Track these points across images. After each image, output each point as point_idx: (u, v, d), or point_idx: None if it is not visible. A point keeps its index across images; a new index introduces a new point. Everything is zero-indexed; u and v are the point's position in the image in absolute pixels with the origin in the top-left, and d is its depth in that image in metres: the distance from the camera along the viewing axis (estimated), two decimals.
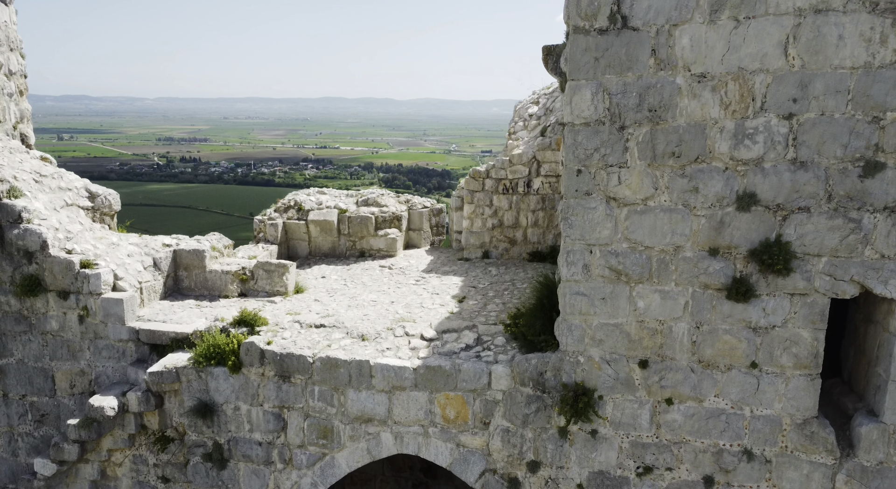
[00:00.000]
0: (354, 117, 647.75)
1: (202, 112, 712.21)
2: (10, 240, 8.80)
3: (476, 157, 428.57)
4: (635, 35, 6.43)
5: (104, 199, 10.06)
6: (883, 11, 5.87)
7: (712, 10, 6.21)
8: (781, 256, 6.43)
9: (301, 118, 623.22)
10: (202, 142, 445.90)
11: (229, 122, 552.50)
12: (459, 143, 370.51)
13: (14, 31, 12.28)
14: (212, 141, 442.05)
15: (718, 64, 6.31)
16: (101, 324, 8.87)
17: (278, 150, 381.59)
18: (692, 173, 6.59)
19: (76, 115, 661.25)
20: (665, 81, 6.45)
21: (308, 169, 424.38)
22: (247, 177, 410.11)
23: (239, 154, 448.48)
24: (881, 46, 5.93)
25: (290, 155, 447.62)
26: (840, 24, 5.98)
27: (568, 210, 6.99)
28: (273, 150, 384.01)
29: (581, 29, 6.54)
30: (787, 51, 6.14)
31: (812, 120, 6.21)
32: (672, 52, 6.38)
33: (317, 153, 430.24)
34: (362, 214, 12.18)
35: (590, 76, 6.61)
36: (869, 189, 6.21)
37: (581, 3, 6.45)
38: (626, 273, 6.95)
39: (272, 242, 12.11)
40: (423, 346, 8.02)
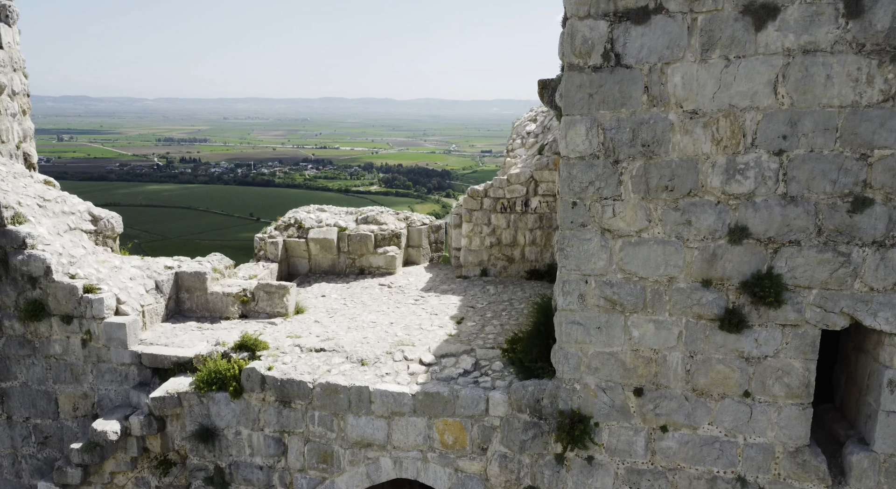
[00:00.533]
0: (354, 117, 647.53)
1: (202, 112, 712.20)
2: (15, 265, 8.92)
3: (476, 157, 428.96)
4: (628, 73, 6.54)
5: (107, 223, 10.18)
6: (869, 53, 5.99)
7: (703, 50, 6.33)
8: (773, 289, 6.55)
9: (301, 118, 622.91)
10: (202, 142, 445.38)
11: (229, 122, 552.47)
12: (459, 143, 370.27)
13: (17, 51, 12.41)
14: (212, 141, 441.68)
15: (710, 101, 6.43)
16: (104, 348, 8.99)
17: (278, 150, 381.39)
18: (685, 207, 6.71)
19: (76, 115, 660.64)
20: (658, 118, 6.57)
21: (308, 169, 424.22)
22: (247, 177, 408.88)
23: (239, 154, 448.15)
24: (868, 86, 6.05)
25: (289, 155, 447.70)
26: (828, 64, 6.10)
27: (564, 241, 7.11)
28: (273, 150, 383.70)
29: (575, 66, 6.66)
30: (776, 89, 6.26)
31: (801, 156, 6.33)
32: (664, 90, 6.50)
33: (316, 153, 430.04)
34: (362, 232, 12.30)
35: (584, 111, 6.73)
36: (857, 224, 6.33)
37: (575, 41, 6.56)
38: (620, 303, 7.07)
39: (273, 260, 12.23)
40: (422, 372, 8.14)
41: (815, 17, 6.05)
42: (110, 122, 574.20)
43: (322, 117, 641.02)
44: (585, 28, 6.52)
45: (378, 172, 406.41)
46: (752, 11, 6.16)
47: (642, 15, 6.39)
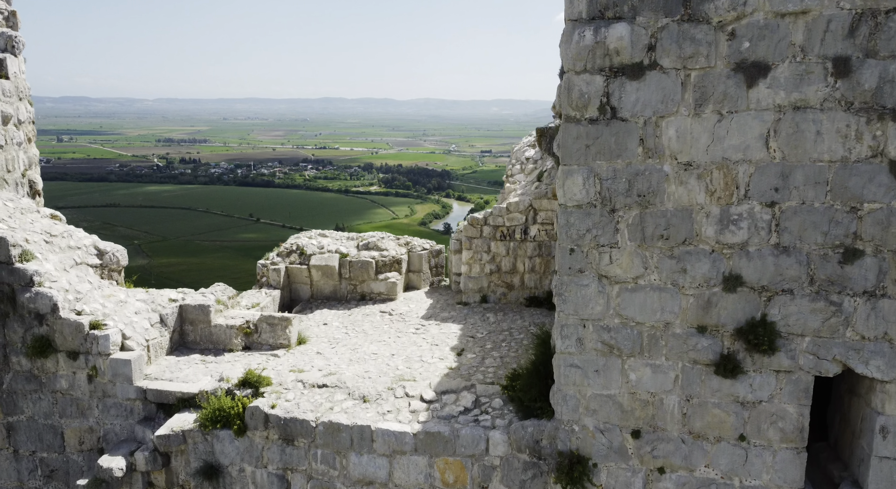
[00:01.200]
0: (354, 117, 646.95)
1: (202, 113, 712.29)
2: (22, 303, 9.06)
3: (475, 157, 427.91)
4: (624, 125, 6.68)
5: (112, 256, 10.32)
6: (858, 110, 6.14)
7: (697, 105, 6.47)
8: (766, 336, 6.69)
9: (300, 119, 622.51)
10: (202, 143, 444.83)
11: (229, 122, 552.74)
12: (459, 144, 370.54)
13: (23, 80, 12.55)
14: (211, 142, 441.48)
15: (703, 154, 6.57)
16: (110, 384, 9.13)
17: (278, 150, 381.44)
18: (680, 255, 6.85)
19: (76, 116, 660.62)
20: (653, 169, 6.71)
21: (308, 169, 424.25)
22: (246, 178, 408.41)
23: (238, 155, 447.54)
24: (857, 142, 6.20)
25: (289, 155, 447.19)
26: (818, 120, 6.24)
27: (562, 286, 7.25)
28: (273, 151, 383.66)
29: (572, 118, 6.80)
30: (768, 143, 6.40)
31: (793, 208, 6.47)
32: (659, 142, 6.64)
33: (316, 154, 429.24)
34: (363, 259, 12.44)
35: (581, 162, 6.87)
36: (849, 274, 6.47)
37: (572, 95, 6.70)
38: (618, 347, 7.21)
39: (275, 287, 12.37)
40: (423, 409, 8.28)
41: (804, 76, 6.19)
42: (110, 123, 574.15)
43: (322, 117, 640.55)
44: (582, 82, 6.66)
45: (378, 172, 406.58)
46: (743, 69, 6.30)
47: (637, 71, 6.52)
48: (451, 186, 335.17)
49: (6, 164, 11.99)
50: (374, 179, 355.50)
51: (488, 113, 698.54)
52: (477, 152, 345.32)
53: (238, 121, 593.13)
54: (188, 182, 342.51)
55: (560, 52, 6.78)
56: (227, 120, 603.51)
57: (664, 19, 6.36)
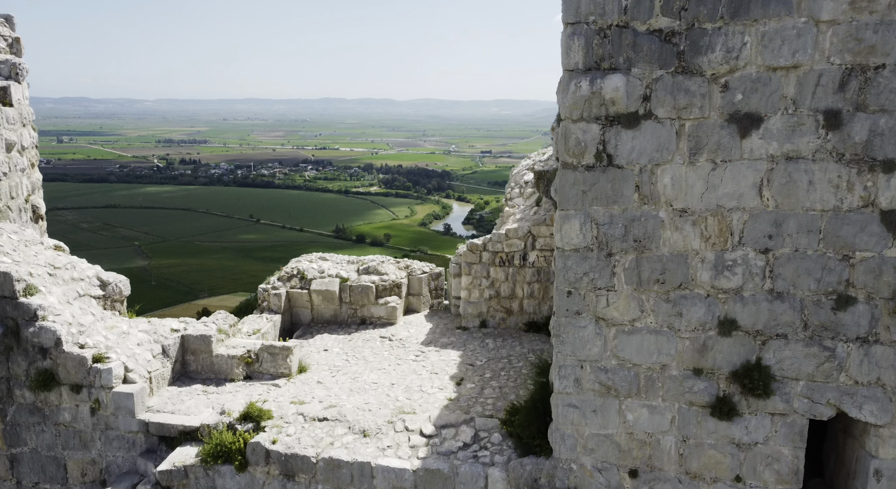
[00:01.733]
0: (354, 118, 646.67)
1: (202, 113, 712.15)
2: (27, 337, 9.16)
3: (475, 157, 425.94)
4: (620, 172, 6.78)
5: (115, 287, 10.42)
6: (849, 162, 6.23)
7: (691, 153, 6.56)
8: (761, 381, 6.78)
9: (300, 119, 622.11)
10: (202, 143, 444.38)
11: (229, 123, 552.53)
12: (459, 144, 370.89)
13: (26, 106, 12.65)
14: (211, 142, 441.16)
15: (698, 201, 6.66)
16: (112, 417, 9.23)
17: (278, 151, 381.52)
18: (676, 299, 6.94)
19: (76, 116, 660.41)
20: (649, 215, 6.81)
21: (308, 170, 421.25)
22: (246, 178, 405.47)
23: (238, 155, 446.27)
24: (848, 193, 6.29)
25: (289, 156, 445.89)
26: (810, 171, 6.33)
27: (559, 327, 7.34)
28: (273, 151, 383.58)
29: (570, 165, 6.89)
30: (761, 192, 6.49)
31: (787, 255, 6.57)
32: (655, 189, 6.73)
33: (316, 154, 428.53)
34: (363, 284, 12.54)
35: (578, 207, 6.96)
36: (842, 321, 6.56)
37: (569, 142, 6.80)
38: (615, 388, 7.31)
39: (276, 312, 12.46)
40: (423, 444, 8.38)
41: (796, 128, 6.28)
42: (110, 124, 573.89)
43: (322, 118, 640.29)
44: (579, 131, 6.75)
45: (378, 173, 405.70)
46: (736, 120, 6.39)
47: (632, 120, 6.62)
48: (451, 187, 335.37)
49: (10, 190, 12.10)
50: (374, 180, 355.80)
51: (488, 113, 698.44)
52: (477, 153, 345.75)
53: (238, 121, 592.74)
54: (188, 183, 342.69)
55: (557, 101, 6.87)
56: (227, 120, 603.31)
57: (659, 71, 6.45)
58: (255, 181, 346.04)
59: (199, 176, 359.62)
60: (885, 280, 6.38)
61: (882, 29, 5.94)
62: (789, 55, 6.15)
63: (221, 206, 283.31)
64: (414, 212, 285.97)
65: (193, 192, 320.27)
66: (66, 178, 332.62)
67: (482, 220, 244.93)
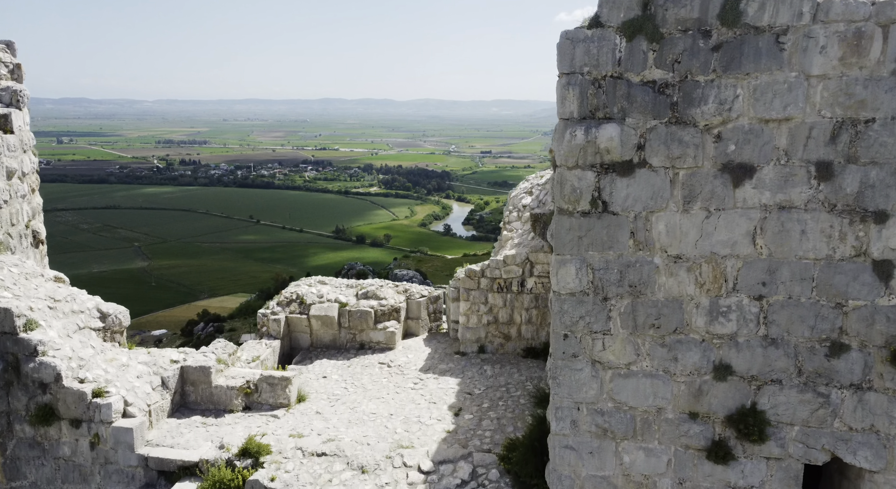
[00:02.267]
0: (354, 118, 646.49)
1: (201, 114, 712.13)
2: (27, 372, 9.21)
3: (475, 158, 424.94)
4: (615, 219, 6.83)
5: (114, 319, 10.47)
6: (840, 212, 6.29)
7: (685, 202, 6.61)
8: (756, 426, 6.84)
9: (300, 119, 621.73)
10: (201, 144, 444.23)
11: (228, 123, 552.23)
12: (459, 144, 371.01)
13: (27, 131, 12.70)
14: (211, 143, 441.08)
15: (693, 248, 6.71)
16: (112, 451, 9.28)
17: (278, 152, 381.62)
18: (671, 343, 6.99)
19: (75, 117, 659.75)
20: (644, 261, 6.86)
21: (308, 171, 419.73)
22: (246, 179, 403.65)
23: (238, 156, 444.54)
24: (840, 242, 6.35)
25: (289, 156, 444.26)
26: (802, 220, 6.39)
27: (556, 370, 7.39)
28: (272, 152, 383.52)
29: (565, 211, 6.94)
30: (755, 240, 6.55)
31: (780, 302, 6.62)
32: (649, 236, 6.78)
33: (316, 155, 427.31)
34: (362, 309, 12.58)
35: (574, 252, 7.01)
36: (835, 367, 6.62)
37: (565, 189, 6.85)
38: (611, 430, 7.36)
39: (275, 337, 12.51)
40: (420, 481, 8.43)
41: (788, 178, 6.34)
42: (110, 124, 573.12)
43: (321, 118, 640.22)
44: (574, 178, 6.80)
45: (378, 173, 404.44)
46: (729, 170, 6.45)
47: (627, 168, 6.67)
48: (450, 187, 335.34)
49: (10, 217, 12.15)
50: (373, 180, 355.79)
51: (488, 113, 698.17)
52: (477, 153, 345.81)
53: (238, 122, 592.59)
54: (188, 183, 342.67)
55: (552, 147, 6.92)
56: (227, 121, 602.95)
57: (652, 121, 6.50)
58: (255, 182, 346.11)
59: (198, 176, 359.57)
60: (878, 328, 6.43)
61: (871, 84, 5.99)
62: (781, 108, 6.20)
63: (221, 207, 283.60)
64: (414, 212, 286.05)
65: (193, 192, 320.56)
66: (66, 179, 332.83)
67: (482, 221, 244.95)
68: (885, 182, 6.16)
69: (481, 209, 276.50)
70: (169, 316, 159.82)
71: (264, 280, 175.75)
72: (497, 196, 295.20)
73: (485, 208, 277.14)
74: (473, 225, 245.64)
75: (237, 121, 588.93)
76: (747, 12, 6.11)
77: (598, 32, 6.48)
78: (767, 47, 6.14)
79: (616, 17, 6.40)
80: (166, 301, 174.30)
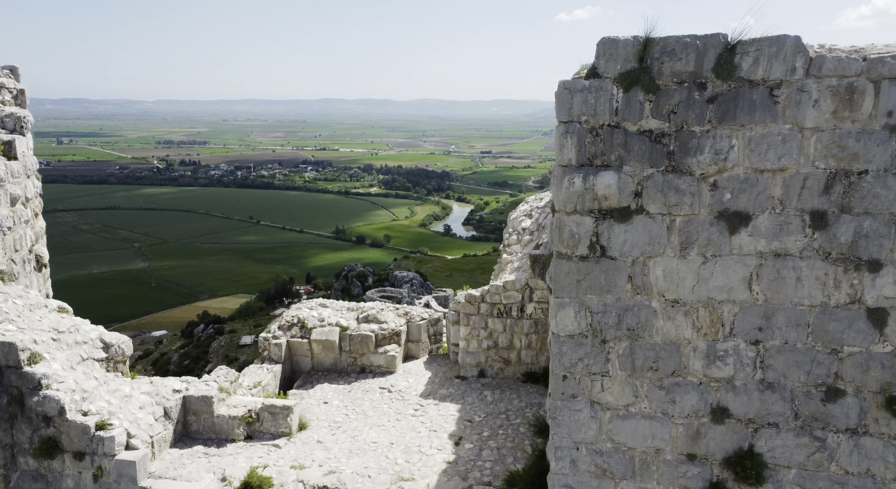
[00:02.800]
0: (354, 118, 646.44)
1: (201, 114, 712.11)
2: (31, 406, 9.30)
3: (475, 158, 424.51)
4: (613, 264, 6.91)
5: (117, 349, 10.55)
6: (835, 260, 6.37)
7: (682, 248, 6.69)
8: (754, 469, 6.91)
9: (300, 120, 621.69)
10: (201, 145, 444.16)
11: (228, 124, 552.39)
12: (459, 144, 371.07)
13: (30, 156, 12.80)
14: (211, 143, 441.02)
15: (690, 292, 6.79)
16: (115, 483, 9.36)
17: (277, 152, 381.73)
18: (669, 386, 7.07)
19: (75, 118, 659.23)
20: (641, 305, 6.94)
21: (308, 171, 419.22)
22: (246, 180, 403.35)
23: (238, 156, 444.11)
24: (835, 290, 6.43)
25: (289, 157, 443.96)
26: (797, 267, 6.47)
27: (555, 410, 7.47)
28: (272, 152, 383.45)
29: (564, 255, 7.02)
30: (751, 286, 6.62)
31: (777, 347, 6.70)
32: (647, 280, 6.86)
33: (316, 155, 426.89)
34: (363, 333, 12.67)
35: (573, 296, 7.09)
36: (831, 412, 6.70)
37: (563, 234, 6.93)
38: (610, 471, 7.44)
39: (276, 361, 12.60)
40: None
41: (784, 226, 6.42)
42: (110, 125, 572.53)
43: (321, 118, 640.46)
44: (572, 223, 6.88)
45: (378, 174, 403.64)
46: (725, 218, 6.52)
47: (625, 215, 6.75)
48: (450, 187, 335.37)
49: (14, 243, 12.25)
50: (373, 180, 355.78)
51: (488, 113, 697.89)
52: (477, 153, 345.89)
53: (238, 122, 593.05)
54: (188, 184, 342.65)
55: (551, 194, 7.00)
56: (227, 121, 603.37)
57: (649, 169, 6.58)
58: (255, 182, 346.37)
59: (198, 177, 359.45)
60: (873, 374, 6.51)
61: (864, 137, 6.07)
62: (775, 159, 6.28)
63: (221, 208, 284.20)
64: (414, 212, 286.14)
65: (193, 193, 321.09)
66: (66, 180, 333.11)
67: (482, 221, 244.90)
68: (878, 232, 6.24)
69: (481, 209, 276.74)
70: (169, 317, 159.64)
71: (264, 281, 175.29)
72: (497, 196, 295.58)
73: (485, 208, 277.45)
74: (473, 225, 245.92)
75: (237, 121, 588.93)
76: (741, 66, 6.19)
77: (595, 83, 6.56)
78: (762, 100, 6.22)
79: (613, 68, 6.48)
80: (166, 302, 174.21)
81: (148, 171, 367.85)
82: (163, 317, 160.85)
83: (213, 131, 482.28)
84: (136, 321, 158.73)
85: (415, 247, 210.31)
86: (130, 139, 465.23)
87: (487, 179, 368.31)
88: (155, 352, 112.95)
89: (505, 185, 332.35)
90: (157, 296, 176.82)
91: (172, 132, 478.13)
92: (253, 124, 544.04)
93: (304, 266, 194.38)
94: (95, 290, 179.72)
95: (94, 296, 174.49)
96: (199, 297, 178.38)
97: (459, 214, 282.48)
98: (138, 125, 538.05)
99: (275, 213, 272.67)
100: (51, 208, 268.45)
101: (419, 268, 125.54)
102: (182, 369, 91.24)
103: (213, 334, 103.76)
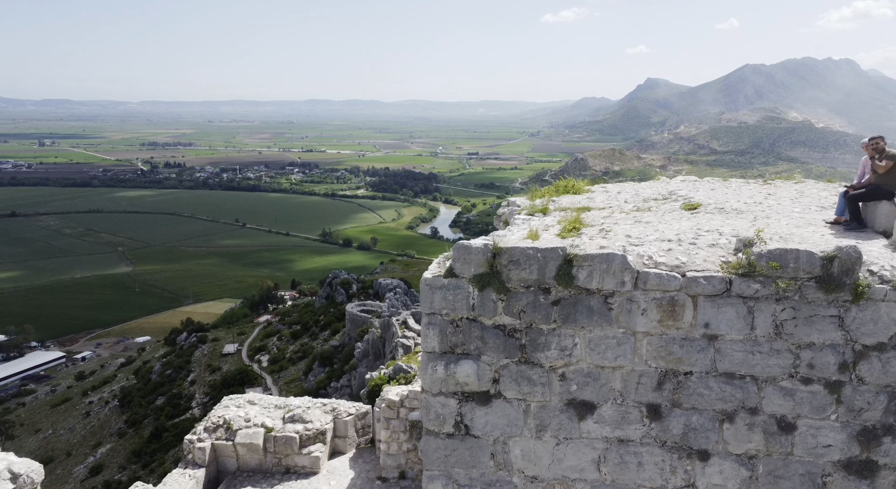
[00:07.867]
0: (341, 119, 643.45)
1: (187, 115, 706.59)
2: None
3: (462, 159, 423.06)
4: (476, 441, 7.43)
5: (26, 479, 10.51)
6: (670, 448, 6.94)
7: (538, 430, 7.23)
8: None
9: (287, 121, 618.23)
10: (186, 146, 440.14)
11: (214, 125, 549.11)
12: (446, 145, 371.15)
13: None
14: (196, 145, 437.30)
15: (546, 470, 7.33)
16: None
17: (264, 154, 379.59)
18: None
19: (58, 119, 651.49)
20: (504, 480, 7.47)
21: (294, 173, 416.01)
22: (232, 182, 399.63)
23: (224, 158, 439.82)
24: (672, 475, 7.00)
25: (275, 159, 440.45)
26: (639, 453, 7.03)
27: None
28: (259, 154, 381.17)
29: (432, 432, 7.54)
30: (599, 468, 7.18)
31: None
32: (508, 458, 7.39)
33: (303, 157, 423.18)
34: (287, 434, 13.09)
35: (441, 469, 7.61)
36: None
37: (430, 414, 7.45)
38: None
39: (200, 465, 12.94)
40: None
41: (625, 416, 6.98)
42: (93, 126, 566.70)
43: (308, 119, 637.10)
44: (438, 404, 7.40)
45: (365, 176, 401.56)
46: (574, 406, 7.07)
47: (485, 399, 7.27)
48: (438, 189, 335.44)
49: None
50: (360, 183, 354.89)
51: (475, 114, 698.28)
52: (464, 154, 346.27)
53: (223, 123, 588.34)
54: (173, 186, 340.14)
55: (419, 376, 7.50)
56: (213, 122, 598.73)
57: (505, 360, 7.12)
58: (241, 185, 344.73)
59: (183, 179, 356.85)
60: None
61: (686, 344, 6.67)
62: (613, 358, 6.84)
63: (206, 211, 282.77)
64: (401, 215, 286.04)
65: (178, 195, 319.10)
66: (48, 183, 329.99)
67: (469, 223, 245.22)
68: (704, 426, 6.81)
69: (468, 211, 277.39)
70: (153, 322, 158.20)
71: (250, 285, 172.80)
72: (484, 198, 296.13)
73: (472, 210, 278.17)
74: (460, 227, 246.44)
75: (223, 122, 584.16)
76: (578, 277, 6.73)
77: (453, 282, 7.08)
78: (598, 307, 6.76)
79: (468, 271, 7.00)
80: (150, 307, 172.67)
81: (132, 174, 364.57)
82: (147, 323, 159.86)
83: (199, 132, 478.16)
84: (120, 326, 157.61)
85: (402, 250, 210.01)
86: (114, 141, 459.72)
87: (475, 181, 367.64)
88: (137, 360, 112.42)
89: (492, 187, 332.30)
90: (141, 301, 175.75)
91: (157, 133, 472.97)
92: (239, 125, 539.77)
93: (290, 270, 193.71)
94: (79, 296, 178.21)
95: (77, 301, 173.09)
96: (184, 302, 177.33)
97: (447, 216, 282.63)
98: (122, 126, 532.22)
99: (261, 216, 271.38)
100: (32, 212, 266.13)
101: (405, 272, 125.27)
102: (164, 379, 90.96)
103: (196, 343, 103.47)
